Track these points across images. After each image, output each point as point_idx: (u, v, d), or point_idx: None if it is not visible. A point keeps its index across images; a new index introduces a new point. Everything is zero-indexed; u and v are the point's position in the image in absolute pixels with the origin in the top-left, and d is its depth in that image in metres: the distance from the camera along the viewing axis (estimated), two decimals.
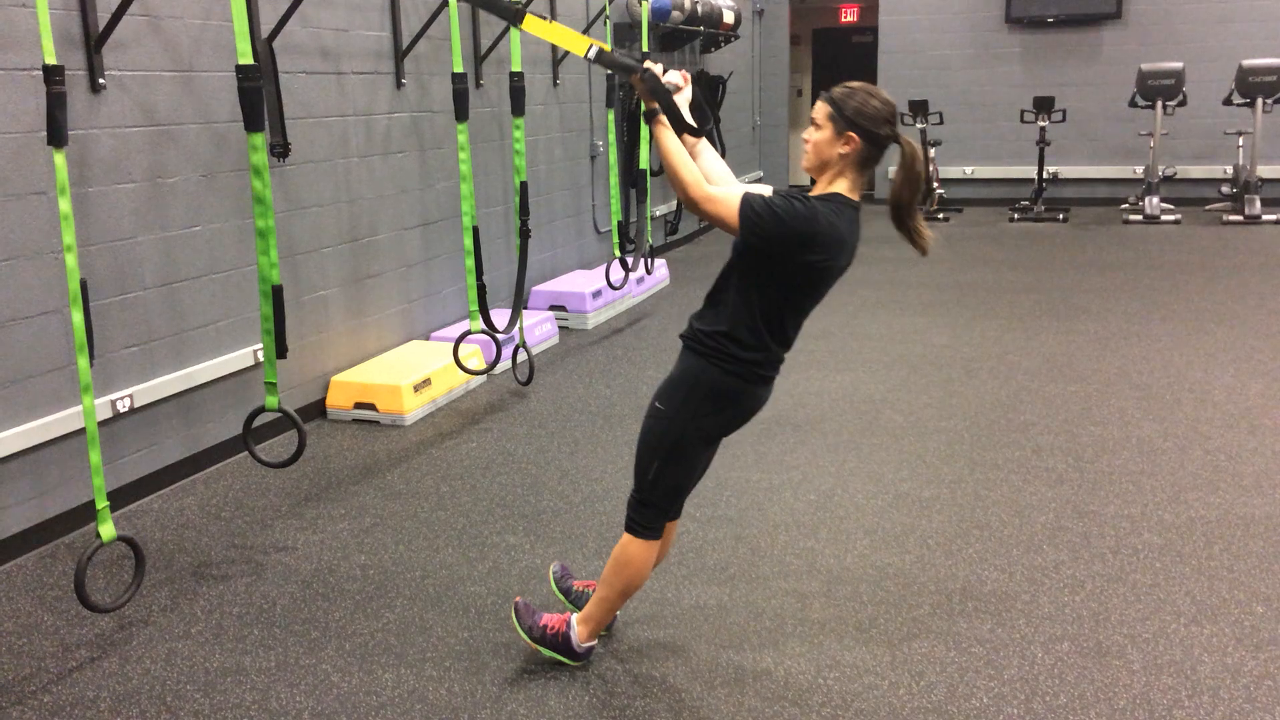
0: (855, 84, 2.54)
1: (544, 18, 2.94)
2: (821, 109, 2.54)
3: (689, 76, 2.73)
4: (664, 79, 2.64)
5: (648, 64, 2.64)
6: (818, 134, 2.54)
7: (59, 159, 2.92)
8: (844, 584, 3.36)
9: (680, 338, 2.72)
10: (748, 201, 2.45)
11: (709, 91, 10.01)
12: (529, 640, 2.90)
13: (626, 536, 2.77)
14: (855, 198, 2.57)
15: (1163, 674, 2.83)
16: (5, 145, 3.51)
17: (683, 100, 2.70)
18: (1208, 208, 11.09)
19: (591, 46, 2.78)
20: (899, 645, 3.00)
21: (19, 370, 3.61)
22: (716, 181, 2.69)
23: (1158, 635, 3.02)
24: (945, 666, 2.88)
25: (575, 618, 2.89)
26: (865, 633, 3.07)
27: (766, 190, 2.55)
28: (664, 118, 2.61)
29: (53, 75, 2.90)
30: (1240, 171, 10.53)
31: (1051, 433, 4.68)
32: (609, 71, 2.50)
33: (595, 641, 2.92)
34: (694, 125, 2.65)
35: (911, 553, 3.57)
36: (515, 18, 2.99)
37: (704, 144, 2.77)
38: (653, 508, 2.75)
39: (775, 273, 2.52)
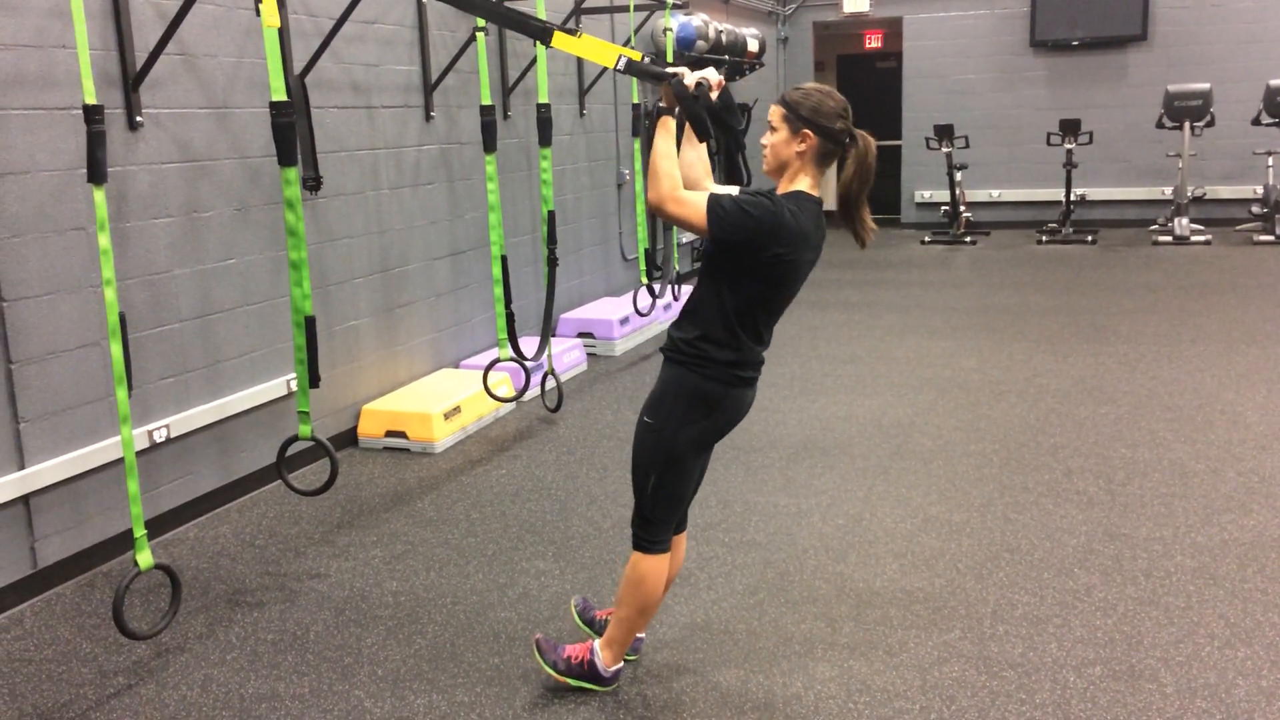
0: (808, 85, 2.65)
1: (572, 32, 2.99)
2: (776, 111, 2.62)
3: (723, 82, 2.76)
4: (697, 76, 2.67)
5: (677, 69, 2.69)
6: (774, 136, 2.62)
7: (98, 195, 3.00)
8: (873, 608, 3.36)
9: (660, 351, 2.78)
10: (715, 200, 2.52)
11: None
12: (555, 675, 2.91)
13: (635, 555, 2.81)
14: (816, 194, 2.64)
15: (1197, 698, 2.80)
16: (47, 183, 3.61)
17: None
18: (1238, 228, 11.01)
19: (621, 57, 2.83)
20: (929, 669, 2.99)
21: (59, 402, 3.68)
22: (693, 188, 2.74)
23: (1191, 659, 2.99)
24: (977, 691, 2.87)
25: (598, 643, 2.90)
26: (895, 657, 3.06)
27: (733, 191, 2.64)
28: (668, 120, 2.66)
29: (92, 114, 2.98)
30: (1270, 191, 10.45)
31: (1082, 455, 4.66)
32: (641, 83, 2.55)
33: (621, 665, 2.93)
34: (711, 133, 2.71)
35: (941, 576, 3.56)
36: (544, 36, 3.05)
37: (701, 154, 2.82)
38: (655, 522, 2.78)
39: (744, 268, 2.59)
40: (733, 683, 2.95)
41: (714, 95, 2.70)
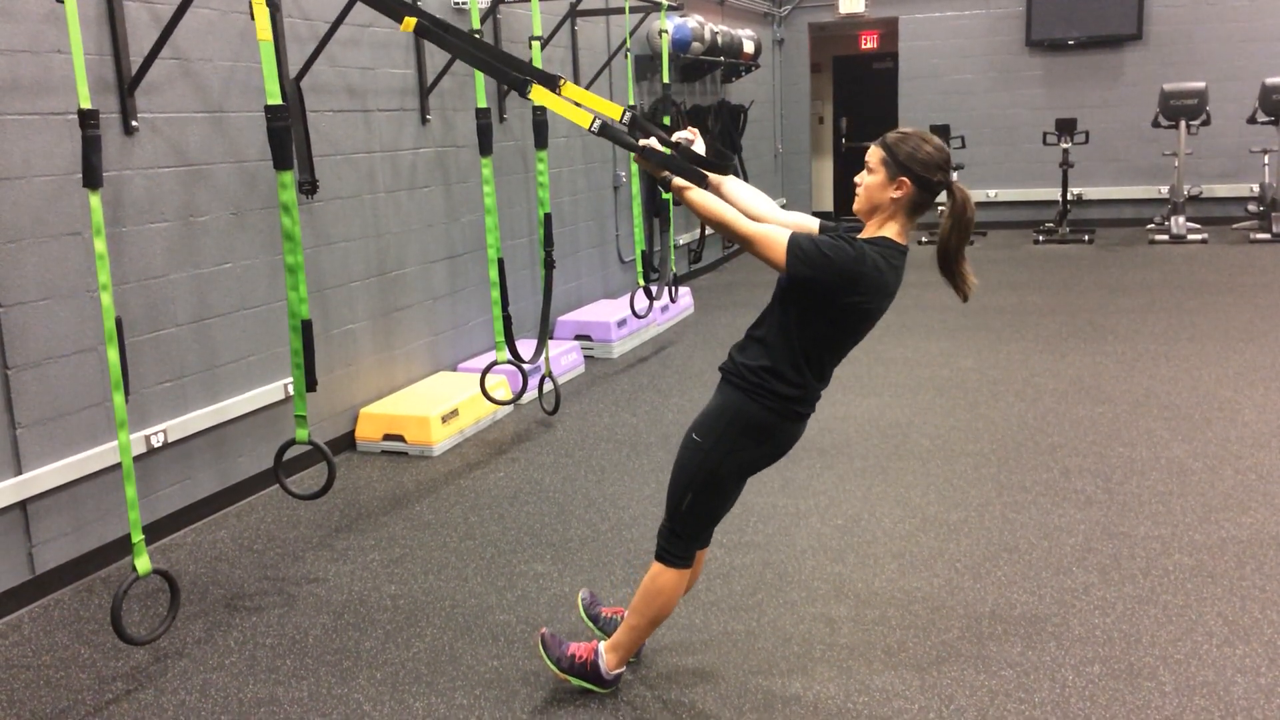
0: (909, 130, 2.57)
1: (556, 80, 2.99)
2: (875, 153, 2.56)
3: (695, 131, 2.79)
4: (673, 139, 2.70)
5: (643, 141, 2.71)
6: (870, 178, 2.56)
7: (94, 200, 3.00)
8: (872, 608, 3.36)
9: (720, 370, 2.74)
10: (795, 240, 2.48)
11: (731, 121, 10.08)
12: (558, 671, 2.91)
13: (658, 566, 2.79)
14: (903, 242, 2.58)
15: (1195, 695, 2.80)
16: (42, 188, 3.60)
17: (698, 147, 2.76)
18: (1234, 226, 11.02)
19: (596, 120, 2.84)
20: (928, 669, 2.99)
21: (56, 408, 3.68)
22: (758, 213, 2.70)
23: (1190, 657, 2.99)
24: (975, 690, 2.87)
25: (603, 645, 2.90)
26: (894, 657, 3.06)
27: (814, 224, 2.62)
28: (679, 186, 2.66)
29: (88, 119, 2.98)
30: (1266, 189, 10.46)
31: (1080, 454, 4.66)
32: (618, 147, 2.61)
33: (624, 669, 2.93)
34: (704, 173, 2.69)
35: (940, 576, 3.56)
36: (522, 88, 3.02)
37: (733, 180, 2.80)
38: (685, 538, 2.77)
39: (817, 311, 2.55)
40: (732, 684, 2.95)
41: (695, 144, 2.74)
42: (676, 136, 2.77)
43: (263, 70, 3.27)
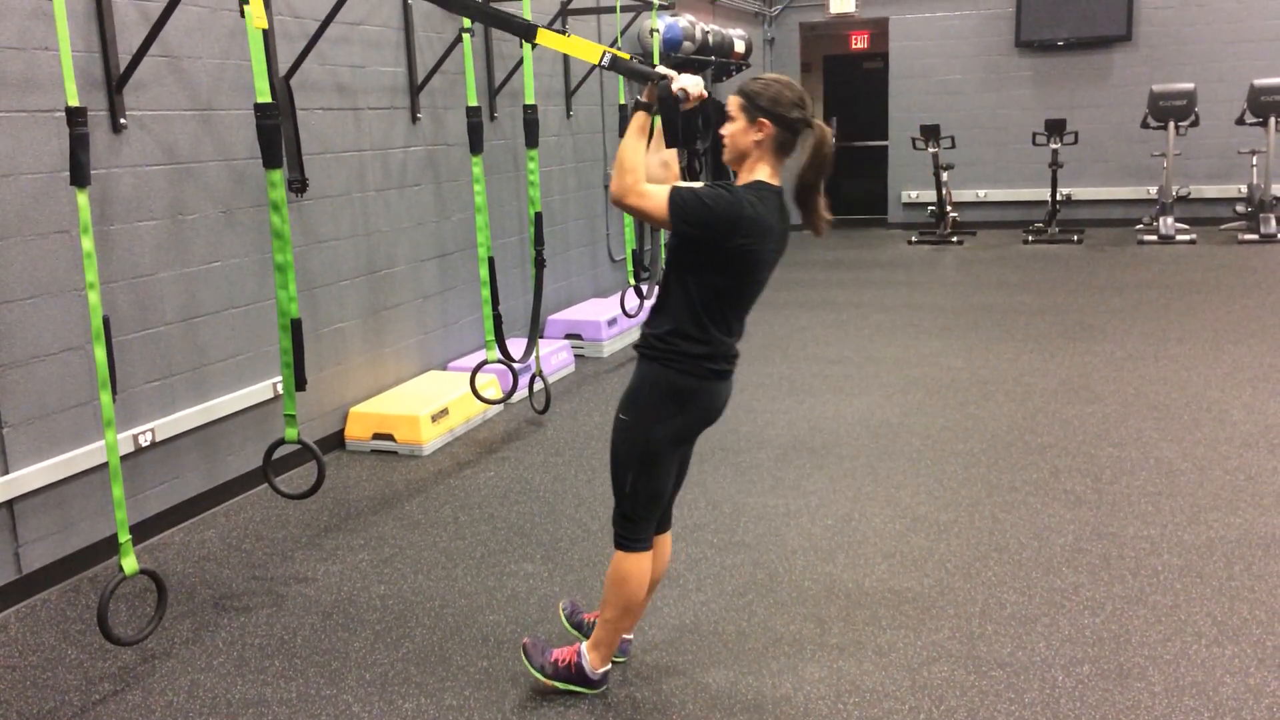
0: (766, 75, 2.67)
1: (562, 32, 2.99)
2: (734, 101, 2.65)
3: (705, 95, 2.77)
4: (675, 86, 2.69)
5: (666, 71, 2.69)
6: (732, 126, 2.64)
7: (82, 198, 2.98)
8: (862, 608, 3.36)
9: (633, 348, 2.77)
10: (676, 191, 2.56)
11: (720, 119, 10.06)
12: (543, 679, 2.91)
13: (618, 554, 2.81)
14: (776, 183, 2.66)
15: (1184, 696, 2.81)
16: (29, 185, 3.58)
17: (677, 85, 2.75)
18: (1223, 227, 11.06)
19: (605, 54, 2.83)
20: (919, 669, 2.99)
21: (42, 407, 3.66)
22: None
23: (1179, 657, 3.00)
24: (966, 690, 2.88)
25: (585, 645, 2.90)
26: (885, 657, 3.06)
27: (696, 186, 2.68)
28: (645, 117, 2.68)
29: (75, 116, 2.97)
30: (1254, 190, 10.51)
31: (1069, 454, 4.67)
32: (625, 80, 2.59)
33: (609, 667, 2.92)
34: (679, 140, 2.71)
35: (930, 576, 3.56)
36: (528, 33, 3.05)
37: (670, 160, 2.87)
38: (636, 520, 2.79)
39: (708, 260, 2.61)
40: (722, 684, 2.95)
41: (689, 105, 2.72)
42: (681, 81, 2.73)
43: (253, 66, 3.25)
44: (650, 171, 2.77)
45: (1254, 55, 11.04)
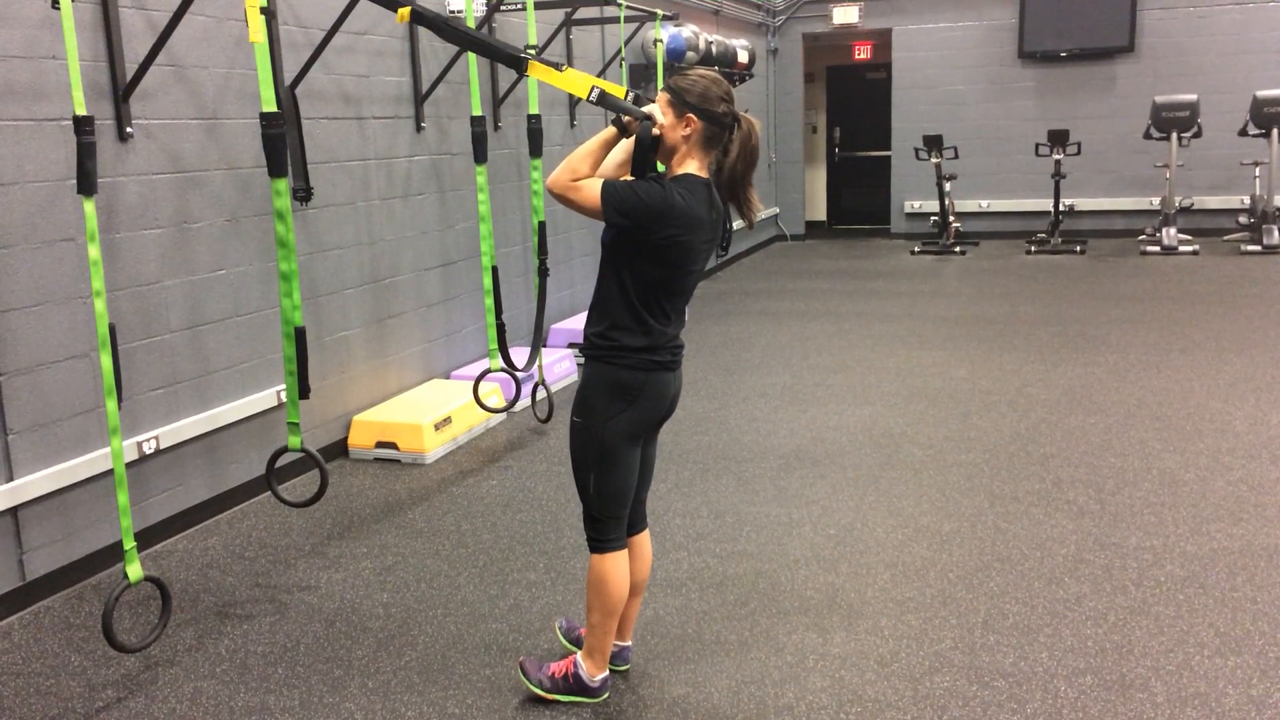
0: (693, 71, 2.72)
1: (557, 66, 2.99)
2: (661, 97, 2.71)
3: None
4: (655, 129, 2.68)
5: (649, 109, 2.70)
6: (660, 121, 2.67)
7: (88, 207, 2.99)
8: (865, 618, 3.36)
9: (578, 350, 2.78)
10: (608, 183, 2.63)
11: None
12: (543, 694, 2.91)
13: (593, 557, 2.84)
14: (704, 175, 2.71)
15: (1187, 707, 2.81)
16: (36, 194, 3.60)
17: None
18: (1225, 238, 11.06)
19: (594, 89, 2.85)
20: (921, 680, 2.99)
21: (48, 414, 3.67)
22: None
23: (1181, 668, 3.00)
24: (968, 701, 2.88)
25: (579, 655, 2.91)
26: (887, 667, 3.06)
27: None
28: (614, 135, 2.70)
29: (83, 126, 2.98)
30: (1257, 202, 10.52)
31: (1072, 465, 4.67)
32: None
33: (607, 673, 2.93)
34: (644, 174, 2.70)
35: (932, 586, 3.57)
36: (518, 65, 3.05)
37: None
38: (603, 520, 2.81)
39: (640, 253, 2.65)
40: (724, 694, 2.95)
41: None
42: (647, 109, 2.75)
43: (258, 76, 3.27)
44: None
45: (1257, 67, 11.05)
